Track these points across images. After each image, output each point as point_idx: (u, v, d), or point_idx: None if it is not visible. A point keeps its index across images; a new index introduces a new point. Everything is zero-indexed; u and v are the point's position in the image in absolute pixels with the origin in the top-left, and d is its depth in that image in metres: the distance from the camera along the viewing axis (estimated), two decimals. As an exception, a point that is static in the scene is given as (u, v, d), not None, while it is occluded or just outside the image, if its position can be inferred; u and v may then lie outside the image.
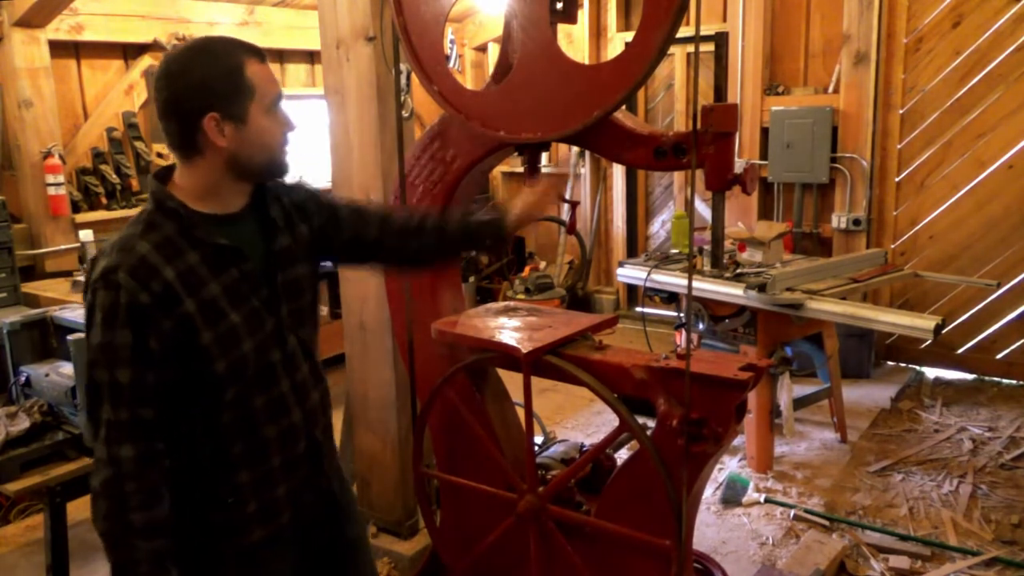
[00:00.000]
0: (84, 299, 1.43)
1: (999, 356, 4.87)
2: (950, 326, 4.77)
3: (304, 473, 1.61)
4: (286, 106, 1.52)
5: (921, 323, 3.23)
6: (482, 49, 6.77)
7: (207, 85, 1.39)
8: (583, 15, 6.01)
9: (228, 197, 1.50)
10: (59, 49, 4.56)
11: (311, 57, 5.96)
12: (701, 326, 3.91)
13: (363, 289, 3.02)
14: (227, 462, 1.49)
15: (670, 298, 4.16)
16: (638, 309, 6.12)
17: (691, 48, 5.75)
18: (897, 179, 5.04)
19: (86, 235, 4.27)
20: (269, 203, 1.57)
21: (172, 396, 1.41)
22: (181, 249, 1.41)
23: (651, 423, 2.16)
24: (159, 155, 5.00)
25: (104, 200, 4.72)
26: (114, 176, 4.73)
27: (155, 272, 1.37)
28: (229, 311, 1.43)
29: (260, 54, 1.46)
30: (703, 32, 1.70)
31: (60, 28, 4.48)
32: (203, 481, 1.49)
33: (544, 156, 3.39)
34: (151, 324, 1.36)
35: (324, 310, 4.78)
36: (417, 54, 2.33)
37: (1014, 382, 4.80)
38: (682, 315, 4.43)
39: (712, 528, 3.33)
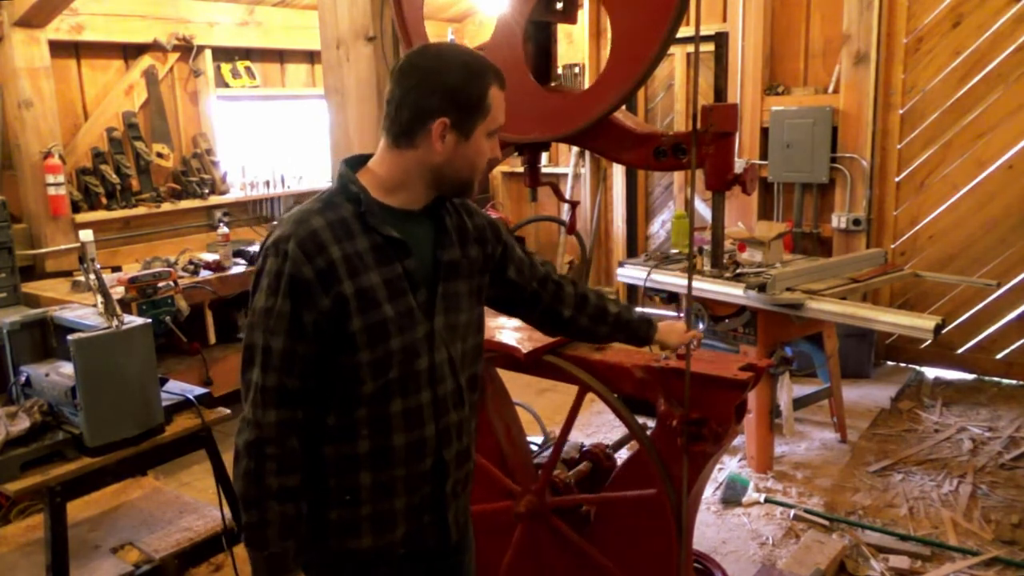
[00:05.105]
0: (256, 264, 1.47)
1: (999, 356, 4.87)
2: (950, 326, 4.77)
3: (426, 492, 1.55)
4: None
5: (921, 323, 3.22)
6: (482, 49, 6.76)
7: (453, 93, 1.44)
8: (583, 15, 6.01)
9: (413, 195, 1.51)
10: (59, 49, 4.56)
11: (311, 57, 5.96)
12: (701, 326, 3.91)
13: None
14: (352, 459, 1.48)
15: (670, 298, 4.16)
16: (638, 309, 6.11)
17: (691, 48, 5.74)
18: (897, 179, 5.04)
19: (86, 235, 4.26)
20: (447, 213, 1.58)
21: (317, 375, 1.44)
22: (353, 232, 1.43)
23: (651, 423, 2.16)
24: (159, 155, 5.00)
25: (104, 200, 4.72)
26: (114, 176, 4.72)
27: (323, 248, 1.40)
28: (384, 303, 1.43)
29: (502, 80, 1.49)
30: (703, 32, 1.70)
31: (60, 28, 4.48)
32: (327, 473, 1.49)
33: (544, 156, 3.39)
34: (309, 298, 1.39)
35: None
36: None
37: (1014, 382, 4.80)
38: (682, 315, 4.43)
39: (712, 528, 3.33)
